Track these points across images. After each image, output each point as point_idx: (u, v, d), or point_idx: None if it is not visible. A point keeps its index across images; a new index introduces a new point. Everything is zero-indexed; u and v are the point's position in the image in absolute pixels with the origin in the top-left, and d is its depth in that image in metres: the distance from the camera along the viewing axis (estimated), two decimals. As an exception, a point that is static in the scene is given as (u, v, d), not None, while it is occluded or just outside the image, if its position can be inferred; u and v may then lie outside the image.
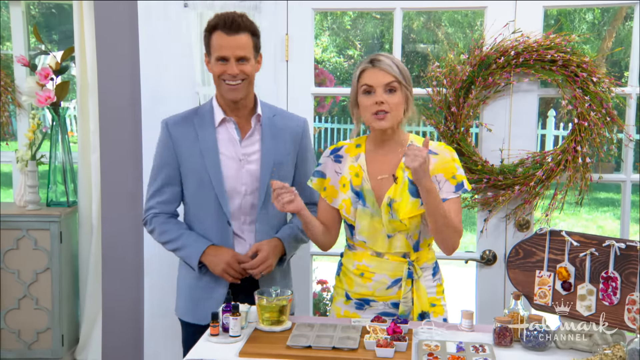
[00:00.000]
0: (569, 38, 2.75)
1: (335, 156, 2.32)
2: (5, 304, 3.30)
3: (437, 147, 2.21)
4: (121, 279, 3.19)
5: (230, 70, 2.24)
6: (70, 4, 3.37)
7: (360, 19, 12.04)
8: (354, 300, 2.28)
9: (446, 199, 2.16)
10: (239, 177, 2.34)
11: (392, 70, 2.13)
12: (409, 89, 2.17)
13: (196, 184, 2.35)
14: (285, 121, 2.43)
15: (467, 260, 2.98)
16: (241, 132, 2.35)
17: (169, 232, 2.37)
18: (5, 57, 3.89)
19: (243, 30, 2.24)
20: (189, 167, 2.34)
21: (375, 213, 2.21)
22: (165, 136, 2.37)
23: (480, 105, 2.83)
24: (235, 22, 2.22)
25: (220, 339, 2.00)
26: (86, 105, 3.37)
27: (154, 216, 2.40)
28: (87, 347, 3.43)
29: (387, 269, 2.22)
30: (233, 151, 2.34)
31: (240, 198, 2.35)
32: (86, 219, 3.41)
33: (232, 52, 2.23)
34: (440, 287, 2.29)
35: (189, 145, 2.34)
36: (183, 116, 2.41)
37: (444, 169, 2.18)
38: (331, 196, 2.30)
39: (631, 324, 1.88)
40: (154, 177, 2.40)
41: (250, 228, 2.38)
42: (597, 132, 2.72)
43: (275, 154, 2.36)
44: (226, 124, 2.35)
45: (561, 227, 2.08)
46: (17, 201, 3.47)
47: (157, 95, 2.99)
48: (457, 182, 2.18)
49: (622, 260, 1.91)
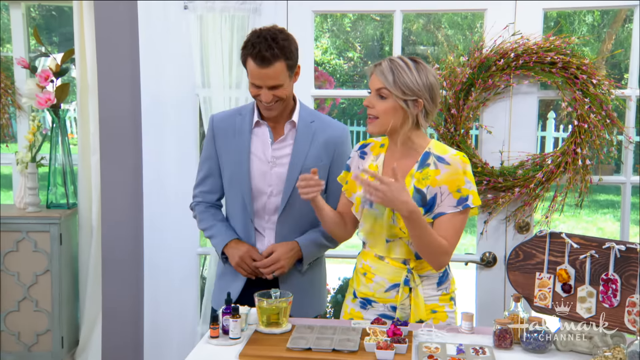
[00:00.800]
0: (569, 40, 2.76)
1: (362, 152, 2.33)
2: (5, 306, 3.30)
3: (451, 157, 2.16)
4: (121, 281, 3.19)
5: (264, 97, 2.28)
6: (70, 6, 3.38)
7: (360, 21, 12.05)
8: (359, 299, 2.29)
9: (443, 213, 2.13)
10: (266, 178, 2.39)
11: (384, 78, 2.11)
12: (407, 99, 2.10)
13: (228, 179, 2.44)
14: (323, 128, 2.43)
15: (467, 262, 2.98)
16: (274, 136, 2.40)
17: (204, 221, 2.48)
18: (5, 59, 3.90)
19: (275, 61, 2.22)
20: (225, 162, 2.43)
21: (379, 216, 2.21)
22: (209, 131, 2.48)
23: (480, 107, 2.83)
24: (264, 57, 2.20)
25: (220, 341, 2.00)
26: (86, 107, 3.37)
27: (197, 204, 2.52)
28: (87, 349, 3.43)
29: (386, 272, 2.22)
30: (263, 153, 2.39)
31: (265, 198, 2.40)
32: (86, 221, 3.41)
33: (264, 82, 2.25)
34: (446, 295, 2.25)
35: (227, 142, 2.42)
36: (229, 113, 2.49)
37: (450, 181, 2.13)
38: (350, 190, 2.32)
39: (631, 326, 1.88)
40: (200, 167, 2.52)
41: (273, 227, 2.43)
42: (597, 134, 2.72)
43: (306, 158, 2.38)
44: (261, 127, 2.41)
45: (561, 229, 2.08)
46: (17, 203, 3.47)
47: (157, 97, 2.99)
48: (461, 196, 2.12)
49: (622, 262, 1.91)
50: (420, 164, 2.17)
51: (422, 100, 2.12)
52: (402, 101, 2.11)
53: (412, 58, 2.16)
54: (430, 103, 2.14)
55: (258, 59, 2.21)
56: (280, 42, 2.23)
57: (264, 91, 2.27)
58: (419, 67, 2.13)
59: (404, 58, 2.15)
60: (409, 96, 2.11)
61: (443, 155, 2.16)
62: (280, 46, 2.23)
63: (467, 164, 2.16)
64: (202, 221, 2.50)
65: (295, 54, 2.29)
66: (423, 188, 2.14)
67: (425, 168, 2.16)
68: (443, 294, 2.25)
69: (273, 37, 2.23)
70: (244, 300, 2.31)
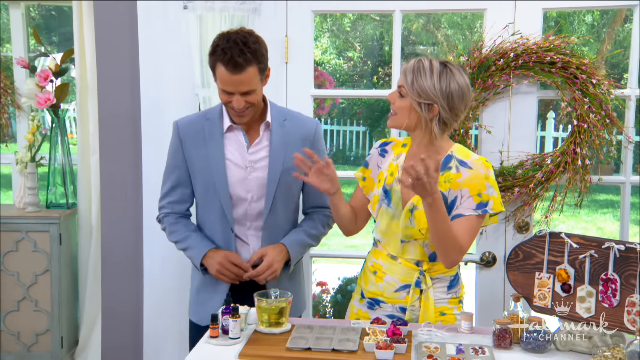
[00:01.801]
0: (569, 40, 2.76)
1: (382, 150, 2.33)
2: (4, 306, 3.29)
3: (474, 161, 2.16)
4: (121, 281, 3.19)
5: (236, 104, 2.21)
6: (69, 6, 3.37)
7: (359, 21, 12.05)
8: (366, 299, 2.29)
9: (461, 215, 2.12)
10: (245, 184, 2.33)
11: (404, 77, 2.12)
12: (421, 102, 2.09)
13: (203, 187, 2.35)
14: (295, 125, 2.39)
15: (467, 262, 2.98)
16: (249, 139, 2.34)
17: (177, 233, 2.39)
18: (5, 59, 3.89)
19: (248, 66, 2.15)
20: (197, 170, 2.35)
21: (396, 215, 2.21)
22: (175, 138, 2.38)
23: (479, 107, 2.83)
24: (237, 63, 2.13)
25: (219, 340, 2.00)
26: (86, 107, 3.37)
27: (165, 215, 2.43)
28: (87, 349, 3.43)
29: (398, 272, 2.22)
30: (240, 158, 2.33)
31: (246, 205, 2.35)
32: (86, 220, 3.41)
33: (236, 88, 2.18)
34: (455, 299, 2.26)
35: (197, 149, 2.33)
36: (193, 118, 2.40)
37: (472, 184, 2.12)
38: (368, 188, 2.32)
39: (631, 326, 1.88)
40: (166, 177, 2.42)
41: (256, 234, 2.38)
42: (596, 133, 2.72)
43: (284, 160, 2.34)
44: (234, 131, 2.34)
45: (561, 229, 2.08)
46: (16, 203, 3.47)
47: (157, 97, 2.99)
48: (481, 201, 2.11)
49: (621, 262, 1.91)
50: (442, 166, 2.15)
51: (437, 107, 2.10)
52: (416, 103, 2.10)
53: (443, 61, 2.13)
54: (447, 111, 2.10)
55: (230, 65, 2.13)
56: (252, 45, 2.16)
57: (236, 98, 2.19)
58: (444, 72, 2.09)
59: (434, 60, 2.12)
60: (423, 99, 2.09)
61: (466, 159, 2.16)
62: (252, 50, 2.15)
63: (489, 168, 2.15)
64: (173, 233, 2.40)
65: (266, 57, 2.23)
66: (444, 191, 2.14)
67: (447, 171, 2.16)
68: (452, 297, 2.25)
69: (244, 41, 2.15)
70: None
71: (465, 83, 2.12)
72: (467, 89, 2.12)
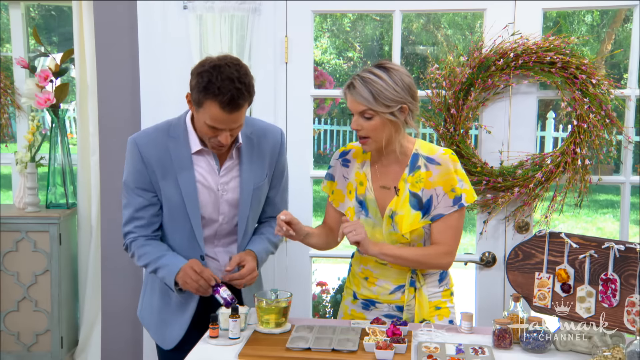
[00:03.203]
0: (568, 40, 2.76)
1: (343, 160, 2.31)
2: (4, 306, 3.29)
3: (440, 156, 2.16)
4: (120, 281, 3.18)
5: (223, 140, 2.08)
6: (69, 6, 3.38)
7: (359, 21, 12.04)
8: (360, 300, 2.29)
9: (442, 215, 2.15)
10: (216, 206, 2.24)
11: (364, 100, 2.07)
12: (392, 111, 2.08)
13: (171, 209, 2.22)
14: (262, 136, 2.29)
15: (467, 262, 2.98)
16: (219, 160, 2.23)
17: (149, 255, 2.20)
18: (4, 59, 3.89)
19: (244, 105, 2.05)
20: (165, 193, 2.20)
21: (377, 224, 2.21)
22: (136, 158, 2.19)
23: (479, 107, 2.83)
24: (237, 104, 2.01)
25: (219, 341, 2.00)
26: (86, 107, 3.37)
27: (133, 240, 2.24)
28: (87, 349, 3.43)
29: (390, 276, 2.22)
30: (211, 181, 2.22)
31: (216, 226, 2.27)
32: (85, 220, 3.41)
33: (227, 126, 2.06)
34: (447, 290, 2.28)
35: (163, 171, 2.18)
36: (153, 136, 2.21)
37: (444, 182, 2.14)
38: (338, 200, 2.31)
39: (630, 326, 1.88)
40: (129, 200, 2.22)
41: (225, 250, 2.31)
42: (596, 134, 2.72)
43: (254, 178, 2.25)
44: (204, 154, 2.21)
45: (560, 229, 2.08)
46: (16, 203, 3.47)
47: (157, 97, 2.99)
48: (455, 196, 2.14)
49: (621, 262, 1.91)
50: (411, 167, 2.17)
51: (407, 105, 2.11)
52: (388, 114, 2.09)
53: (380, 65, 2.12)
54: (413, 102, 2.13)
55: (230, 106, 2.00)
56: (247, 81, 2.03)
57: (224, 134, 2.07)
58: (391, 73, 2.09)
59: (373, 70, 2.10)
60: (393, 107, 2.08)
61: (432, 155, 2.16)
62: (247, 86, 2.03)
63: (456, 162, 2.17)
64: (144, 255, 2.20)
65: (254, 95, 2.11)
66: (418, 191, 2.14)
67: (416, 171, 2.16)
68: (445, 290, 2.27)
69: (238, 77, 2.01)
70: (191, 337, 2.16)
71: (405, 69, 2.15)
72: (409, 73, 2.15)
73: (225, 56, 2.08)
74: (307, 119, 2.98)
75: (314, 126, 9.92)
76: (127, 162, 2.23)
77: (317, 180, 2.79)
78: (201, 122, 2.09)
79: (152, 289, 2.36)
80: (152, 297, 2.36)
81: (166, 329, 2.29)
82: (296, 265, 2.97)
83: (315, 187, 3.52)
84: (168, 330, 2.29)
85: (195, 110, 2.09)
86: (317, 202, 2.66)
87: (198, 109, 2.07)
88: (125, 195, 2.24)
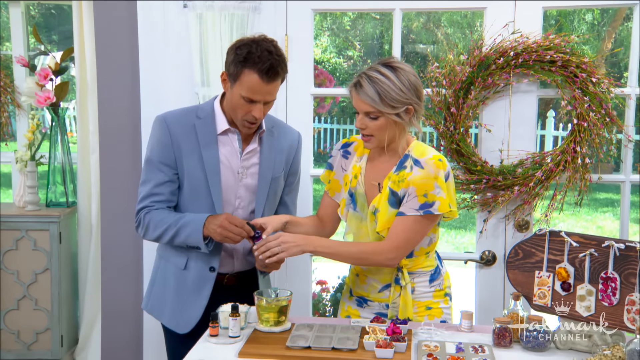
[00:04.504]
0: (569, 39, 2.75)
1: (344, 152, 2.32)
2: (4, 304, 3.30)
3: (427, 160, 2.12)
4: (120, 279, 3.19)
5: (257, 113, 2.15)
6: (69, 5, 3.38)
7: (359, 20, 12.04)
8: (355, 297, 2.30)
9: (402, 214, 2.11)
10: (234, 190, 2.28)
11: (370, 100, 2.07)
12: (398, 112, 2.08)
13: (191, 189, 2.26)
14: (282, 135, 2.37)
15: (467, 260, 2.98)
16: (242, 144, 2.29)
17: (165, 219, 2.21)
18: (4, 58, 3.89)
19: (281, 75, 2.15)
20: (188, 172, 2.25)
21: (364, 218, 2.21)
22: (164, 135, 2.24)
23: (479, 105, 2.83)
24: (276, 71, 2.10)
25: (219, 339, 2.00)
26: (85, 106, 3.37)
27: (148, 212, 2.24)
28: (87, 348, 3.43)
29: (377, 273, 2.23)
30: (233, 163, 2.27)
31: (231, 210, 2.29)
32: (85, 219, 3.41)
33: (263, 97, 2.14)
34: (440, 292, 2.26)
35: (189, 150, 2.24)
36: (181, 115, 2.28)
37: (420, 184, 2.10)
38: (334, 189, 2.32)
39: (630, 325, 1.88)
40: (149, 177, 2.26)
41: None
42: (596, 132, 2.72)
43: (273, 168, 2.31)
44: (229, 134, 2.27)
45: (560, 227, 2.08)
46: (16, 202, 3.47)
47: (157, 95, 2.99)
48: (426, 201, 2.09)
49: (621, 260, 1.91)
50: (398, 166, 2.17)
51: (412, 106, 2.10)
52: (394, 115, 2.09)
53: (387, 64, 2.11)
54: (419, 103, 2.12)
55: (269, 74, 2.09)
56: (283, 56, 2.15)
57: (258, 107, 2.14)
58: (398, 73, 2.08)
59: (380, 68, 2.09)
60: (399, 108, 2.08)
61: (419, 158, 2.15)
62: (284, 61, 2.15)
63: (440, 169, 2.11)
64: (161, 221, 2.21)
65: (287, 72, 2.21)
66: (398, 190, 2.14)
67: (402, 170, 2.16)
68: (437, 290, 2.25)
69: (276, 52, 2.12)
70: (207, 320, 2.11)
71: (412, 68, 2.14)
72: (415, 73, 2.14)
73: (261, 34, 2.18)
74: (307, 118, 2.98)
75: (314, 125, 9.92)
76: (152, 138, 2.28)
77: (317, 179, 2.79)
78: (236, 97, 2.14)
79: (163, 277, 2.36)
80: (164, 284, 2.35)
81: (183, 313, 2.28)
82: (296, 263, 2.97)
83: (315, 185, 3.52)
84: (185, 313, 2.28)
85: (231, 86, 2.17)
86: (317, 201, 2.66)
87: (234, 84, 2.14)
88: (145, 172, 2.28)
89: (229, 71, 2.16)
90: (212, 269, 2.28)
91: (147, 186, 2.26)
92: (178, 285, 2.31)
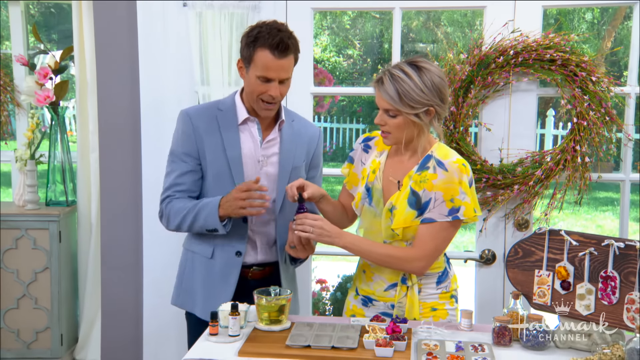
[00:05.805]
0: (568, 37, 2.75)
1: (365, 145, 2.32)
2: (4, 303, 3.30)
3: (451, 163, 2.11)
4: (120, 278, 3.19)
5: (273, 92, 2.20)
6: (69, 4, 3.37)
7: (359, 19, 12.04)
8: (361, 296, 2.30)
9: (432, 220, 2.10)
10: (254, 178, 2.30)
11: (389, 98, 2.06)
12: (417, 112, 2.06)
13: (215, 178, 2.31)
14: (304, 127, 2.42)
15: (467, 259, 2.98)
16: (262, 133, 2.34)
17: (184, 207, 2.27)
18: (4, 57, 3.89)
19: (292, 51, 2.19)
20: (211, 161, 2.30)
21: (378, 214, 2.21)
22: (187, 127, 2.31)
23: (479, 104, 2.83)
24: (286, 45, 2.16)
25: (219, 338, 2.00)
26: (85, 105, 3.37)
27: (170, 202, 2.31)
28: (86, 347, 3.43)
29: (384, 271, 2.22)
30: (253, 151, 2.32)
31: None
32: (85, 218, 3.41)
33: (277, 74, 2.18)
34: (446, 293, 2.25)
35: (212, 140, 2.30)
36: (203, 108, 2.37)
37: (446, 189, 2.09)
38: (352, 183, 2.33)
39: (630, 324, 1.88)
40: (173, 168, 2.33)
41: (261, 230, 2.35)
42: (596, 131, 2.72)
43: (293, 158, 2.35)
44: (249, 123, 2.33)
45: (560, 226, 2.08)
46: (16, 201, 3.47)
47: (157, 94, 2.99)
48: (453, 207, 2.08)
49: (621, 259, 1.91)
50: (420, 166, 2.15)
51: (434, 108, 2.08)
52: (413, 116, 2.07)
53: (413, 63, 2.08)
54: (442, 105, 2.09)
55: (279, 48, 2.14)
56: (293, 35, 2.21)
57: (274, 85, 2.19)
58: (422, 73, 2.05)
59: (404, 67, 2.07)
60: (419, 109, 2.06)
61: (444, 160, 2.12)
62: (294, 39, 2.21)
63: (464, 173, 2.09)
64: (181, 208, 2.28)
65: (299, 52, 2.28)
66: (419, 191, 2.12)
67: (424, 171, 2.14)
68: (443, 292, 2.25)
69: (286, 30, 2.20)
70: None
71: (439, 69, 2.11)
72: (443, 74, 2.12)
73: (272, 20, 2.25)
74: (307, 117, 2.98)
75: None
76: (177, 132, 2.35)
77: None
78: (252, 79, 2.20)
79: (192, 269, 2.40)
80: (192, 277, 2.39)
81: (213, 302, 2.30)
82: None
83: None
84: (214, 302, 2.29)
85: (246, 71, 2.23)
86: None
87: (249, 67, 2.21)
88: (170, 163, 2.35)
89: (243, 56, 2.23)
90: (238, 253, 2.32)
91: (170, 177, 2.34)
92: (207, 274, 2.36)
